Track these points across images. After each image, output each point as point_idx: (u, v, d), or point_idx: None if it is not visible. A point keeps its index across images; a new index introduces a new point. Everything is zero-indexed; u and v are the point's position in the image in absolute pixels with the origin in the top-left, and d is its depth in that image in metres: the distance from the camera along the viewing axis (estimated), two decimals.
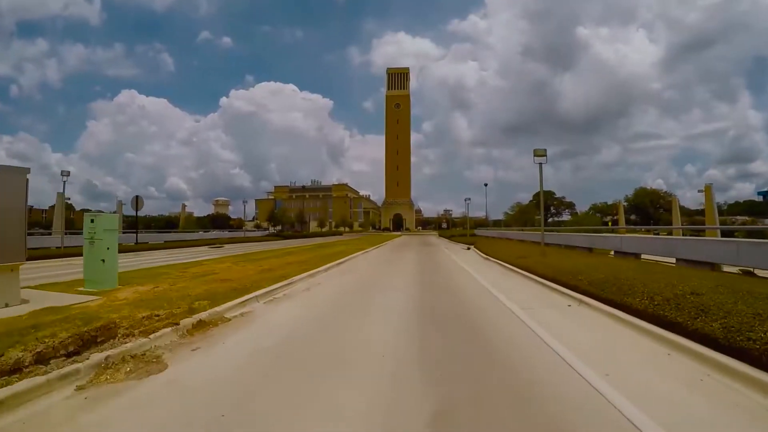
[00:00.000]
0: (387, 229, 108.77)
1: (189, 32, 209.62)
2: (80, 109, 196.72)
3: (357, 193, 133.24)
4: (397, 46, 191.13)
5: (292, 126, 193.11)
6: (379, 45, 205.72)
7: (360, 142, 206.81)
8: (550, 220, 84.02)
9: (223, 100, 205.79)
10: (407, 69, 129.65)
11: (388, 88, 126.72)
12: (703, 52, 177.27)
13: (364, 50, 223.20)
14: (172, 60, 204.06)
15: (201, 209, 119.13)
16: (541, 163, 12.20)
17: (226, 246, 25.71)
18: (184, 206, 70.33)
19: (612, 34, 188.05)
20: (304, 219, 59.80)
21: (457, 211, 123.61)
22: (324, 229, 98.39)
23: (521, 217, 58.12)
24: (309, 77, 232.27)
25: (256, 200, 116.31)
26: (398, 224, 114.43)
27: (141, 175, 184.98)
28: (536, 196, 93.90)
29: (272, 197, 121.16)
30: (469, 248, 21.61)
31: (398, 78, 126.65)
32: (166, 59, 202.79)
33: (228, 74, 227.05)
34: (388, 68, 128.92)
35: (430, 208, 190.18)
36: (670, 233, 20.76)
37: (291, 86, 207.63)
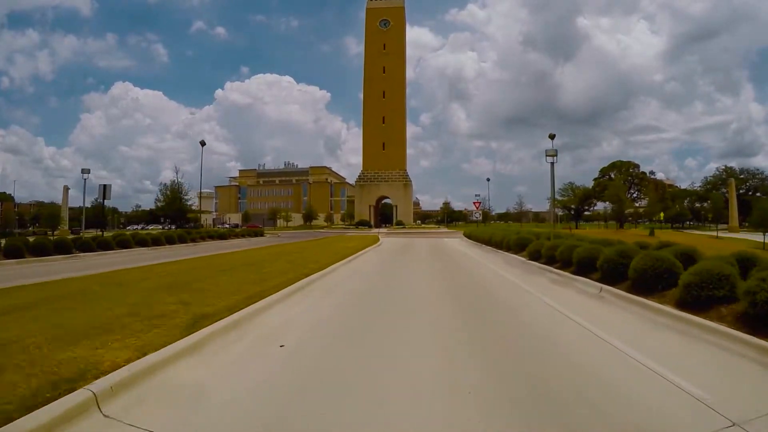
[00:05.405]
0: (364, 224, 64.13)
1: (182, 22, 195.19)
2: (73, 102, 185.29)
3: (342, 178, 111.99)
4: None
5: (289, 118, 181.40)
6: None
7: (357, 135, 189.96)
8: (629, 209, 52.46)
9: (218, 92, 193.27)
10: None
11: None
12: (707, 43, 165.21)
13: (361, 40, 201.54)
14: (166, 51, 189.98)
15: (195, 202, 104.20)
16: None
17: None
18: (66, 189, 49.83)
19: (613, 25, 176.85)
20: (197, 210, 41.34)
21: (455, 205, 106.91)
22: (290, 224, 78.94)
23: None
24: (305, 69, 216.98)
25: (216, 187, 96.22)
26: (386, 215, 78.60)
27: (136, 169, 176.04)
28: (605, 170, 61.73)
29: (236, 183, 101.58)
30: None
31: None
32: (159, 50, 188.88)
33: (223, 65, 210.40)
34: None
35: (426, 201, 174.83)
36: None
37: (287, 78, 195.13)
